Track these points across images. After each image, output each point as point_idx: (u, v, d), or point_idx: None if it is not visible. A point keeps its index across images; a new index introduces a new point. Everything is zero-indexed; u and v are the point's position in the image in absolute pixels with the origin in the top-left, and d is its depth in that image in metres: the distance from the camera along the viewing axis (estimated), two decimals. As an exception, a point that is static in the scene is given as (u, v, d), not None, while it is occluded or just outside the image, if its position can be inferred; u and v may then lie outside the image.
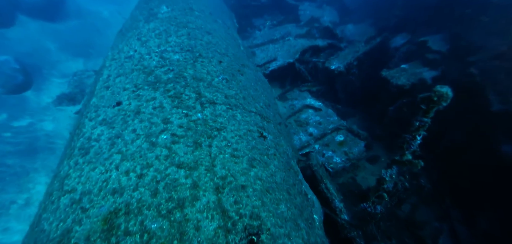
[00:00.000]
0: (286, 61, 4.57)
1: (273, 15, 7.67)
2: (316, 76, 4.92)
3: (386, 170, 2.06)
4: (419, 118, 1.77)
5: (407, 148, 1.86)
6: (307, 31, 5.49)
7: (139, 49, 3.12)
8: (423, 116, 1.74)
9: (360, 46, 4.56)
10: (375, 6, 7.09)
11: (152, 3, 4.28)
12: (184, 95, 2.35)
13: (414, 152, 1.90)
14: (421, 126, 1.77)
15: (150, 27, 3.59)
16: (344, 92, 4.82)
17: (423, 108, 1.71)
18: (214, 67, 2.93)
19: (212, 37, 3.60)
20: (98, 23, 8.23)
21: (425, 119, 1.74)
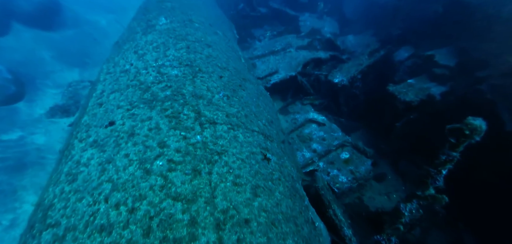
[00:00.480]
0: (288, 74, 4.44)
1: (273, 25, 7.61)
2: (319, 89, 4.79)
3: (405, 204, 1.89)
4: (446, 152, 1.61)
5: (432, 183, 1.70)
6: (308, 43, 5.39)
7: (136, 63, 2.97)
8: (451, 150, 1.58)
9: (364, 59, 4.45)
10: (375, 17, 7.06)
11: (150, 14, 4.16)
12: (183, 114, 2.19)
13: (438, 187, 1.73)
14: (448, 161, 1.60)
15: (147, 39, 3.45)
16: (347, 106, 4.69)
17: (451, 142, 1.55)
18: (214, 83, 2.78)
19: (212, 50, 3.47)
20: (95, 32, 8.11)
21: (453, 153, 1.57)
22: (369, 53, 4.52)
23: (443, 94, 3.19)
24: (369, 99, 4.53)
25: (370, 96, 4.52)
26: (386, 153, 3.99)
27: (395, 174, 3.87)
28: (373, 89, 4.55)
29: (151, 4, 4.56)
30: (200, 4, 5.20)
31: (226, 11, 7.04)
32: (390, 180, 3.82)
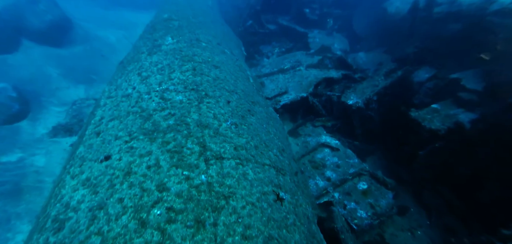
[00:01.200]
0: (299, 95, 4.21)
1: (281, 42, 7.48)
2: (331, 110, 4.53)
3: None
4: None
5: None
6: (319, 61, 5.18)
7: (138, 87, 2.79)
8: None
9: (379, 79, 4.20)
10: (387, 35, 6.85)
11: (157, 33, 4.04)
12: (186, 149, 1.96)
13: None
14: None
15: (152, 60, 3.29)
16: (361, 128, 4.40)
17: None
18: (221, 109, 2.56)
19: (219, 72, 3.28)
20: (103, 48, 8.14)
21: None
22: (385, 73, 4.26)
23: (473, 121, 2.88)
24: (386, 122, 4.23)
25: (386, 119, 4.23)
26: (407, 182, 3.65)
27: (418, 207, 3.52)
28: (389, 112, 4.26)
29: (158, 22, 4.47)
30: (208, 22, 5.10)
31: (234, 28, 6.96)
32: (413, 213, 3.47)
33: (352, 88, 4.26)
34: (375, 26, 7.18)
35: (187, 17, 4.69)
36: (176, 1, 5.58)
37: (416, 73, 3.99)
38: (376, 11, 7.12)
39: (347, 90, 4.22)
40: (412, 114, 3.22)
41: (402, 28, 6.49)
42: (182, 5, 5.36)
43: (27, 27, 7.00)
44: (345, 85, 4.60)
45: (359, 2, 7.91)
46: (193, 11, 5.23)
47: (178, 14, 4.78)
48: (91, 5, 12.12)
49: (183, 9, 5.15)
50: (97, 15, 10.82)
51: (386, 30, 6.82)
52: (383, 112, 4.29)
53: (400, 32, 6.53)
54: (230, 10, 7.54)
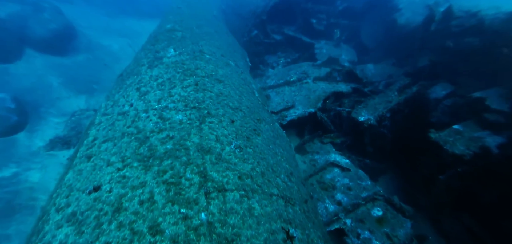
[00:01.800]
0: (306, 110, 3.98)
1: (286, 52, 7.31)
2: (340, 126, 4.28)
3: None
4: None
5: None
6: (327, 74, 4.97)
7: (136, 104, 2.60)
8: None
9: (393, 95, 3.96)
10: (396, 46, 6.63)
11: (159, 44, 3.88)
12: (184, 179, 1.74)
13: None
14: None
15: (153, 74, 3.11)
16: (372, 145, 4.14)
17: None
18: (225, 130, 2.35)
19: (223, 87, 3.08)
20: (106, 57, 8.06)
21: None
22: (398, 88, 4.03)
23: (501, 146, 2.62)
24: (399, 140, 3.97)
25: (400, 137, 3.97)
26: (425, 207, 3.37)
27: (437, 235, 3.23)
28: (403, 129, 4.00)
29: (160, 33, 4.32)
30: (212, 32, 4.94)
31: (239, 38, 6.81)
32: (431, 241, 3.18)
33: (363, 104, 4.02)
34: (384, 37, 6.97)
35: (190, 28, 4.54)
36: (180, 11, 5.46)
37: (432, 89, 3.74)
38: (385, 22, 6.92)
39: (358, 106, 3.98)
40: (432, 136, 2.97)
41: (412, 40, 6.27)
42: (186, 15, 5.23)
43: (31, 36, 6.95)
44: (355, 100, 4.36)
45: (366, 13, 7.74)
46: (197, 21, 5.09)
47: (181, 24, 4.63)
48: (97, 13, 12.19)
49: (187, 19, 5.01)
50: (102, 23, 10.84)
51: (395, 41, 6.61)
52: (396, 129, 4.04)
53: (410, 44, 6.31)
54: (234, 19, 7.42)
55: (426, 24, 4.61)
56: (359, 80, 4.82)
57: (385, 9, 7.00)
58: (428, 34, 4.66)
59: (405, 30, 6.34)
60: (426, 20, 4.56)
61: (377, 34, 7.41)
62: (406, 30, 6.33)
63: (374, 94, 4.82)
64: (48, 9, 7.21)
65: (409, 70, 5.47)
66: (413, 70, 4.87)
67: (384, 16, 7.01)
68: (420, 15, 6.41)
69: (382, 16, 7.17)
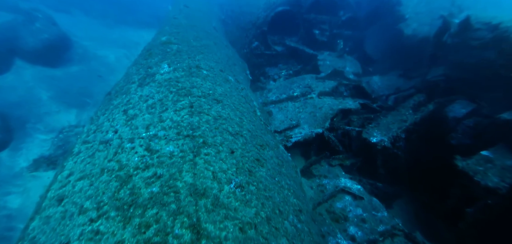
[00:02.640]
0: (313, 131, 3.65)
1: (288, 64, 7.03)
2: (349, 146, 3.94)
3: None
4: None
5: None
6: (333, 88, 4.67)
7: (121, 130, 2.26)
8: None
9: (407, 113, 3.64)
10: (403, 57, 6.36)
11: (152, 59, 3.57)
12: (172, 237, 1.38)
13: None
14: None
15: (143, 93, 2.78)
16: (385, 168, 3.79)
17: None
18: (223, 163, 2.00)
19: (222, 108, 2.75)
20: (101, 68, 7.76)
21: None
22: (413, 106, 3.71)
23: (540, 177, 2.28)
24: (414, 162, 3.63)
25: (415, 159, 3.63)
26: (448, 241, 2.99)
27: (464, 275, 2.84)
28: (419, 151, 3.67)
29: (155, 46, 4.02)
30: (211, 45, 4.65)
31: (239, 49, 6.55)
32: (458, 283, 2.80)
33: (374, 123, 3.69)
34: (389, 48, 6.71)
35: (187, 40, 4.25)
36: (178, 22, 5.18)
37: (450, 107, 3.42)
38: (390, 32, 6.67)
39: (369, 125, 3.65)
40: (459, 164, 2.63)
41: (420, 51, 6.01)
42: (184, 27, 4.95)
43: (22, 46, 6.66)
44: (365, 117, 4.04)
45: (370, 23, 7.51)
46: (196, 33, 4.81)
47: (178, 36, 4.34)
48: (95, 24, 11.97)
49: (185, 31, 4.72)
50: (99, 33, 10.60)
51: (402, 52, 6.34)
52: (411, 149, 3.70)
53: (418, 56, 6.05)
54: (234, 30, 7.17)
55: (438, 36, 4.33)
56: (368, 96, 4.51)
57: (390, 19, 6.76)
58: (441, 46, 4.37)
59: (412, 41, 6.08)
60: (439, 32, 4.28)
61: (381, 45, 7.15)
62: (413, 41, 6.07)
63: (384, 110, 4.50)
64: (40, 19, 6.95)
65: (418, 83, 5.18)
66: (424, 84, 4.57)
67: (389, 26, 6.76)
68: (427, 26, 6.16)
69: (387, 27, 6.92)
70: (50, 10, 10.45)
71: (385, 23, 6.94)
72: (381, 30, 7.11)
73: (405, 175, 3.75)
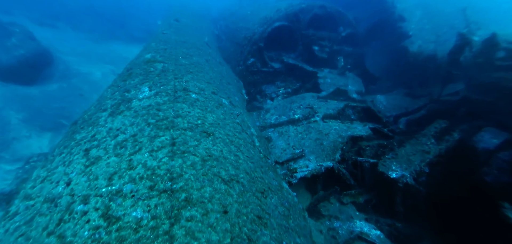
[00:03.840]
0: (322, 165, 3.11)
1: (286, 82, 6.58)
2: (362, 179, 3.41)
3: None
4: None
5: None
6: (339, 111, 4.19)
7: (76, 181, 1.68)
8: None
9: (429, 142, 3.16)
10: (408, 75, 6.00)
11: (132, 80, 3.04)
12: None
13: None
14: None
15: (113, 125, 2.22)
16: (404, 205, 3.26)
17: None
18: (213, 231, 1.44)
19: (212, 143, 2.21)
20: (84, 86, 7.15)
21: None
22: (435, 134, 3.24)
23: None
24: (438, 199, 3.12)
25: (439, 196, 3.11)
26: None
27: None
28: (442, 185, 3.16)
29: (137, 65, 3.49)
30: (203, 63, 4.14)
31: (234, 66, 6.08)
32: None
33: (391, 153, 3.19)
34: (393, 66, 6.36)
35: (175, 58, 3.74)
36: (166, 37, 4.70)
37: (479, 136, 2.97)
38: (393, 49, 6.34)
39: (385, 156, 3.15)
40: (508, 214, 2.12)
41: (426, 69, 5.66)
42: (172, 43, 4.46)
43: (-7, 63, 6.04)
44: (378, 145, 3.54)
45: (370, 39, 7.20)
46: (185, 50, 4.31)
47: (165, 53, 3.84)
48: (82, 38, 11.43)
49: (173, 47, 4.23)
50: (86, 48, 10.04)
51: (407, 70, 5.98)
52: (432, 183, 3.19)
53: (424, 74, 5.70)
54: (229, 46, 6.74)
55: (454, 53, 3.96)
56: (378, 119, 4.05)
57: (392, 36, 6.45)
58: (457, 64, 3.99)
59: (418, 58, 5.74)
60: (455, 49, 3.92)
61: (384, 62, 6.81)
62: (418, 59, 5.72)
63: (396, 135, 4.02)
64: (17, 34, 6.38)
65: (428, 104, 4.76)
66: (440, 105, 4.15)
67: (392, 43, 6.44)
68: (433, 43, 5.86)
69: (389, 43, 6.61)
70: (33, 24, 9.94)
71: (387, 39, 6.63)
72: (383, 47, 6.80)
73: (426, 213, 3.23)
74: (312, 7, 6.15)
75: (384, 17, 6.55)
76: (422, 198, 3.24)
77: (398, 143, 3.56)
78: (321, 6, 6.25)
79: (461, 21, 6.04)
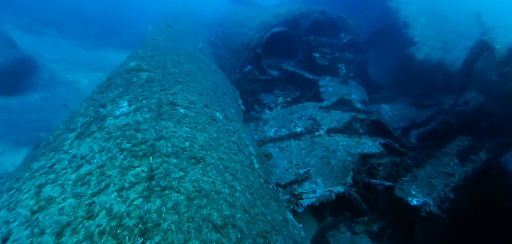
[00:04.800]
0: (332, 190, 2.70)
1: (286, 90, 6.20)
2: (375, 203, 3.01)
3: None
4: None
5: None
6: (345, 124, 3.80)
7: (16, 235, 1.23)
8: None
9: (452, 163, 2.78)
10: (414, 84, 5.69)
11: (110, 93, 2.61)
12: None
13: None
14: None
15: (79, 152, 1.79)
16: (423, 233, 2.85)
17: None
18: None
19: (202, 173, 1.79)
20: (70, 96, 6.68)
21: None
22: (457, 153, 2.86)
23: None
24: (461, 227, 2.73)
25: (462, 222, 2.72)
26: None
27: None
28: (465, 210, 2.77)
29: (118, 74, 3.07)
30: (195, 72, 3.74)
31: (229, 74, 5.69)
32: None
33: (409, 175, 2.80)
34: (398, 74, 6.04)
35: (163, 66, 3.33)
36: (155, 43, 4.30)
37: (509, 156, 2.61)
38: (398, 56, 6.04)
39: (403, 178, 2.75)
40: None
41: (434, 78, 5.35)
42: (162, 49, 4.05)
43: (-31, 72, 5.55)
44: (392, 164, 3.15)
45: (372, 46, 6.89)
46: (176, 57, 3.91)
47: (152, 61, 3.42)
48: (71, 45, 10.96)
49: (162, 54, 3.82)
50: (75, 56, 9.57)
51: (413, 79, 5.66)
52: (455, 209, 2.79)
53: (431, 83, 5.38)
54: (225, 53, 6.37)
55: (471, 62, 3.63)
56: (390, 134, 3.67)
57: (396, 43, 6.15)
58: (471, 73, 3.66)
59: (425, 66, 5.42)
60: (472, 57, 3.59)
61: (388, 70, 6.49)
62: (425, 67, 5.41)
63: (409, 150, 3.64)
64: (-5, 41, 5.93)
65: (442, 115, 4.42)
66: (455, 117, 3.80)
67: (396, 50, 6.14)
68: (440, 50, 5.57)
69: (393, 50, 6.30)
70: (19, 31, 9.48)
71: (390, 46, 6.33)
72: (386, 54, 6.49)
73: (449, 242, 2.82)
74: (312, 12, 5.82)
75: (387, 23, 6.26)
76: (445, 226, 2.83)
77: (413, 161, 3.17)
78: (321, 11, 5.93)
79: (468, 27, 5.77)
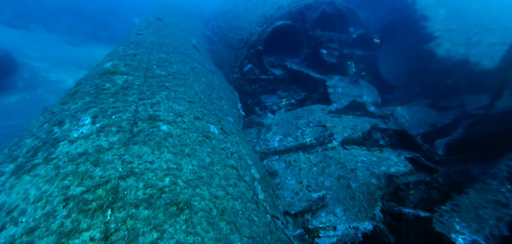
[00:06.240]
0: (358, 229, 2.13)
1: (290, 91, 5.62)
2: (405, 235, 2.46)
3: None
4: None
5: None
6: (364, 135, 3.23)
7: None
8: None
9: (504, 189, 2.23)
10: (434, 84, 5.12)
11: (74, 103, 2.03)
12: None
13: None
14: None
15: (8, 200, 1.22)
16: (464, 272, 2.30)
17: None
18: None
19: (186, 230, 1.24)
20: (51, 97, 6.05)
21: None
22: (508, 176, 2.32)
23: None
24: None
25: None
26: None
27: None
28: None
29: (89, 78, 2.48)
30: (186, 73, 3.15)
31: (227, 73, 5.10)
32: None
33: (449, 204, 2.26)
34: (415, 72, 5.46)
35: (146, 67, 2.74)
36: (140, 39, 3.69)
37: None
38: (414, 53, 5.45)
39: (443, 209, 2.21)
40: None
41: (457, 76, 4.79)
42: (147, 46, 3.45)
43: None
44: (424, 185, 2.60)
45: (383, 41, 6.28)
46: (164, 55, 3.32)
47: (133, 61, 2.83)
48: (58, 41, 10.25)
49: (147, 52, 3.23)
50: (61, 52, 8.90)
51: (432, 77, 5.09)
52: (505, 243, 2.25)
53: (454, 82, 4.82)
54: (222, 49, 5.75)
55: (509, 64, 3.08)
56: (417, 147, 3.11)
57: (412, 37, 5.56)
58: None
59: (446, 64, 4.85)
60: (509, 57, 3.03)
61: (403, 68, 5.91)
62: (447, 65, 4.84)
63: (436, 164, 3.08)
64: (-35, 36, 5.29)
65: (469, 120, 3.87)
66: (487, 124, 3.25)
67: (413, 45, 5.54)
68: (463, 46, 5.00)
69: (409, 45, 5.71)
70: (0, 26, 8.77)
71: (405, 41, 5.73)
72: (401, 50, 5.90)
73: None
74: (320, 3, 5.21)
75: (401, 16, 5.66)
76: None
77: (445, 180, 2.62)
78: (330, 2, 5.32)
79: (492, 20, 5.20)
